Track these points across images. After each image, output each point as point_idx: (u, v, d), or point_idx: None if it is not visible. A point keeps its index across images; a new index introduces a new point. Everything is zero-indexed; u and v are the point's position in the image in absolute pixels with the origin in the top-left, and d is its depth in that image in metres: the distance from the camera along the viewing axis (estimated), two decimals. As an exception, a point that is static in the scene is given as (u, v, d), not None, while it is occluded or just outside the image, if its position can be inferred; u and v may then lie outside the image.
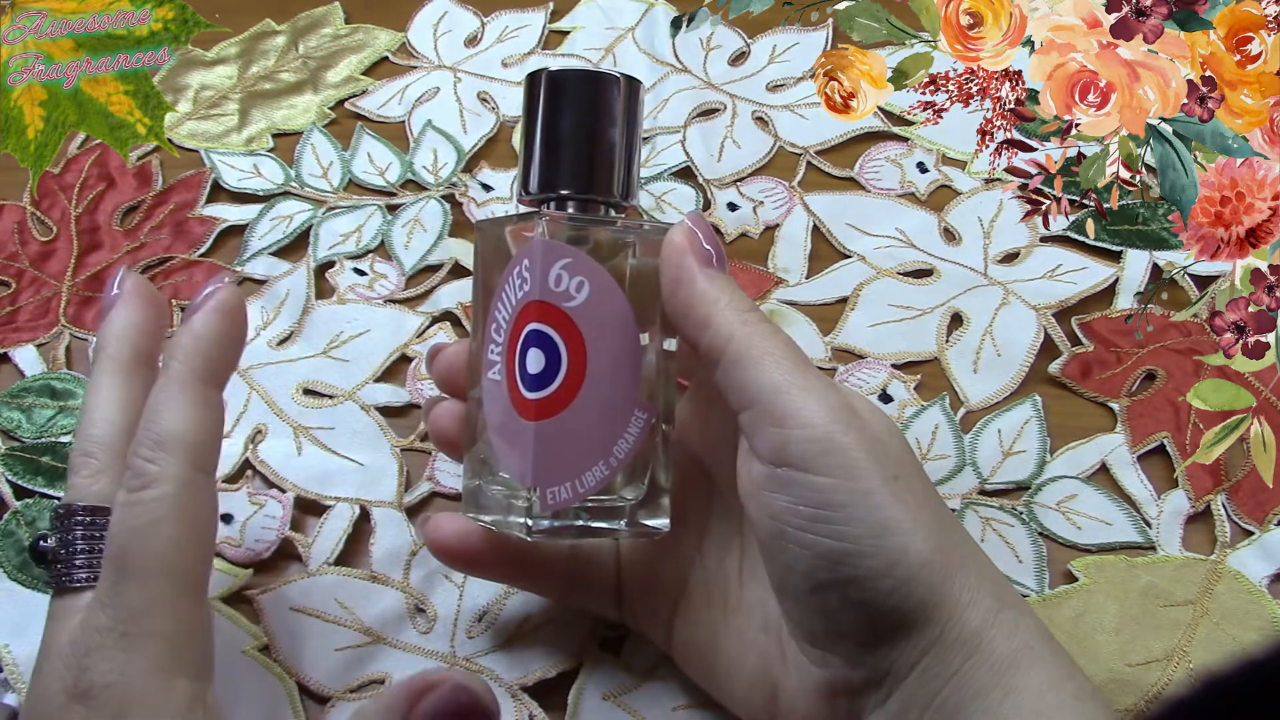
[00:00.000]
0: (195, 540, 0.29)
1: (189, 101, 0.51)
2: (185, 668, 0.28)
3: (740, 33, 0.53)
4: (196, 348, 0.30)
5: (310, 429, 0.41)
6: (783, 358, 0.29)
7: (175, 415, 0.29)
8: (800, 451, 0.28)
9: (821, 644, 0.29)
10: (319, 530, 0.38)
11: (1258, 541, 0.38)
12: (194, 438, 0.29)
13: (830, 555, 0.27)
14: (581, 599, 0.35)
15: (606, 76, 0.32)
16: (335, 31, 0.54)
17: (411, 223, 0.47)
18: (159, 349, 0.33)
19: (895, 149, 0.49)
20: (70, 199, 0.48)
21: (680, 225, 0.31)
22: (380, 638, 0.36)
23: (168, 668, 0.28)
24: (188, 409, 0.29)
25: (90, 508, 0.30)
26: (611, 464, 0.31)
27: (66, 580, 0.30)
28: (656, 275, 0.31)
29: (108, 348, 0.32)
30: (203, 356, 0.30)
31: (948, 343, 0.43)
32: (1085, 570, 0.38)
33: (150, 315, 0.33)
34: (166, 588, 0.28)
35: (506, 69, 0.52)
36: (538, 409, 0.30)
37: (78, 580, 0.29)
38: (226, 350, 0.31)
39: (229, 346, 0.31)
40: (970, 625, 0.27)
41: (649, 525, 0.32)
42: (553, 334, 0.30)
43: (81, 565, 0.30)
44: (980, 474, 0.40)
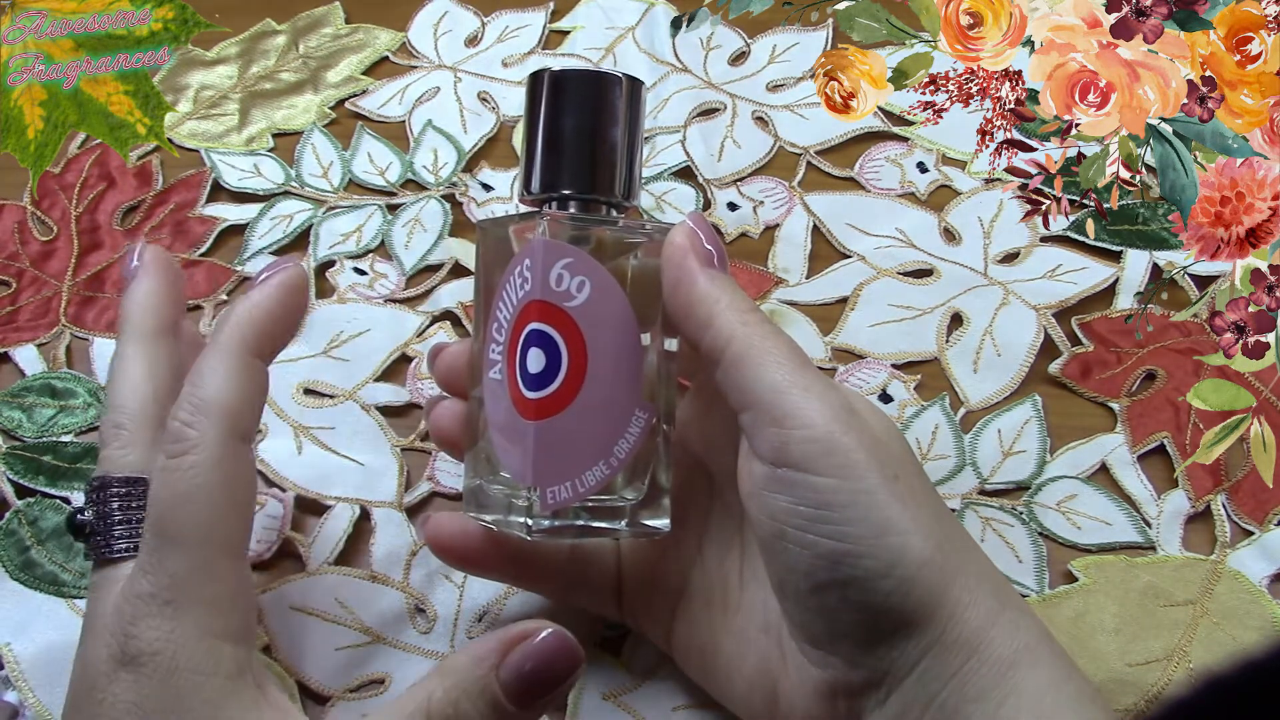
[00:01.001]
0: (235, 505, 0.29)
1: (189, 101, 0.51)
2: (230, 633, 0.28)
3: (740, 33, 0.53)
4: (250, 317, 0.30)
5: (310, 429, 0.41)
6: (784, 358, 0.29)
7: (217, 381, 0.29)
8: (801, 452, 0.28)
9: (821, 644, 0.29)
10: (319, 530, 0.39)
11: (1258, 541, 0.38)
12: (234, 404, 0.29)
13: (830, 555, 0.27)
14: (582, 598, 0.35)
15: (609, 76, 0.32)
16: (335, 31, 0.54)
17: (412, 222, 0.47)
18: (181, 316, 0.34)
19: (895, 149, 0.49)
20: (70, 199, 0.48)
21: (682, 225, 0.31)
22: (380, 638, 0.36)
23: (214, 632, 0.28)
24: (230, 376, 0.29)
25: (125, 479, 0.30)
26: (612, 464, 0.31)
27: (106, 551, 0.30)
28: (658, 276, 0.31)
29: (132, 318, 0.33)
30: (254, 326, 0.30)
31: (948, 343, 0.43)
32: (1085, 570, 0.38)
33: (170, 283, 0.34)
34: (208, 553, 0.28)
35: (507, 69, 0.52)
36: (538, 408, 0.30)
37: (118, 551, 0.30)
38: (279, 324, 0.31)
39: (283, 321, 0.31)
40: (970, 626, 0.27)
41: (649, 525, 0.32)
42: (554, 333, 0.30)
43: (121, 535, 0.30)
44: (980, 474, 0.40)
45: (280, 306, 0.31)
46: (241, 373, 0.30)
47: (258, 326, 0.30)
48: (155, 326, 0.32)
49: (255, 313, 0.31)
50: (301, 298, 0.32)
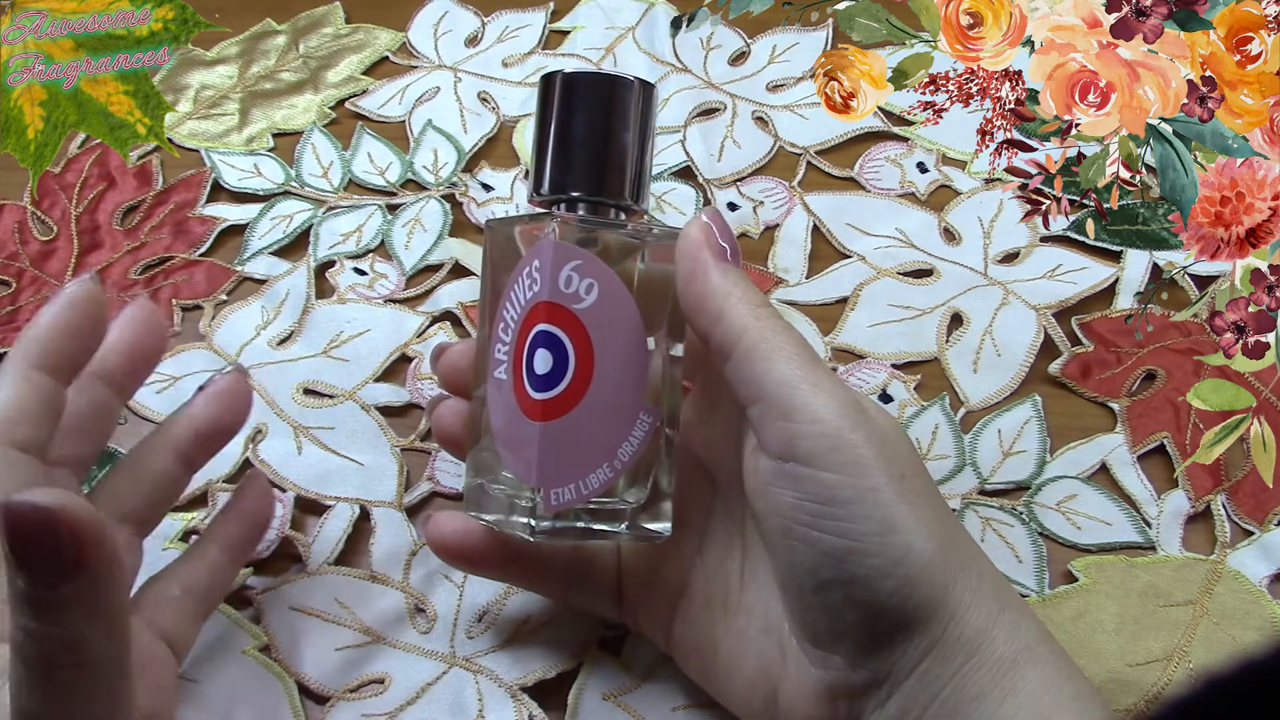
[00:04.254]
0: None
1: (189, 101, 0.51)
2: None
3: (740, 33, 0.53)
4: (34, 334, 0.31)
5: (310, 429, 0.41)
6: (794, 353, 0.29)
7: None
8: (808, 447, 0.28)
9: (823, 644, 0.29)
10: (319, 530, 0.39)
11: (1258, 541, 0.38)
12: (6, 414, 0.30)
13: (835, 552, 0.28)
14: (582, 599, 0.35)
15: (622, 79, 0.32)
16: (335, 31, 0.54)
17: (412, 222, 0.47)
18: (85, 360, 0.33)
19: (895, 149, 0.49)
20: (70, 199, 0.48)
21: (696, 220, 0.31)
22: (380, 637, 0.36)
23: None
24: (5, 387, 0.30)
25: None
26: (615, 466, 0.31)
27: None
28: (664, 280, 0.31)
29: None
30: (38, 342, 0.31)
31: (948, 343, 0.43)
32: (1085, 570, 0.38)
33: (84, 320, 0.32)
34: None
35: (507, 69, 0.52)
36: (544, 409, 0.30)
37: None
38: (68, 339, 0.31)
39: (71, 336, 0.32)
40: (972, 626, 0.28)
41: (650, 529, 0.32)
42: (561, 335, 0.30)
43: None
44: (980, 474, 0.40)
45: (65, 323, 0.31)
46: (21, 383, 0.30)
47: (41, 341, 0.31)
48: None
49: (39, 330, 0.31)
50: (94, 309, 0.32)
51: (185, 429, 0.34)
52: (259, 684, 0.35)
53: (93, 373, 0.33)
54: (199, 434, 0.34)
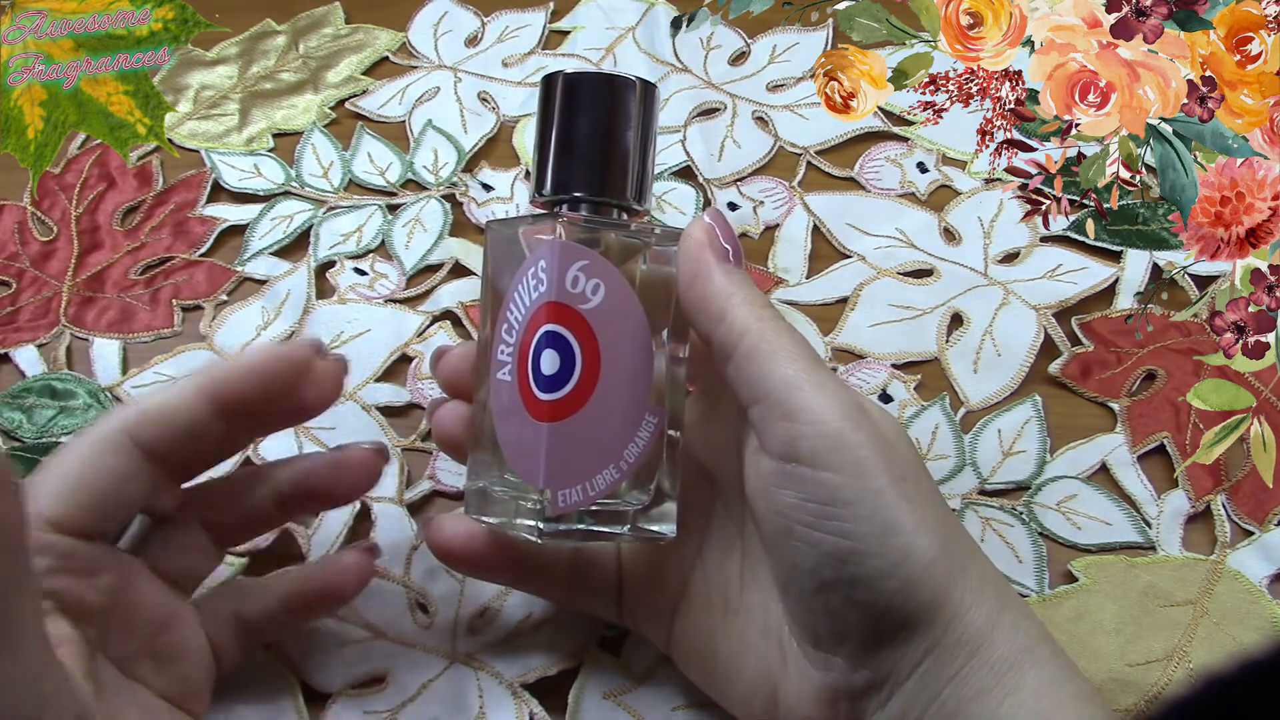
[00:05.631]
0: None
1: (189, 101, 0.51)
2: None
3: (740, 33, 0.53)
4: (228, 367, 0.32)
5: (311, 428, 0.41)
6: (796, 354, 0.29)
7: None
8: (810, 447, 0.28)
9: (824, 645, 0.29)
10: (318, 525, 0.38)
11: (1258, 541, 0.38)
12: (151, 410, 0.30)
13: (836, 553, 0.28)
14: (582, 601, 0.35)
15: (624, 80, 0.32)
16: (335, 31, 0.54)
17: (412, 222, 0.47)
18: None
19: (895, 149, 0.49)
20: (70, 199, 0.48)
21: (699, 220, 0.31)
22: (381, 633, 0.36)
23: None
24: (175, 392, 0.31)
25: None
26: (622, 467, 0.31)
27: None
28: (667, 281, 0.31)
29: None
30: (223, 375, 0.31)
31: (948, 343, 0.43)
32: (1085, 570, 0.38)
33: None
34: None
35: (507, 69, 0.52)
36: (551, 410, 0.30)
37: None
38: (252, 386, 0.32)
39: (259, 385, 0.32)
40: (973, 627, 0.28)
41: (653, 531, 0.32)
42: (568, 335, 0.30)
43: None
44: (980, 474, 0.40)
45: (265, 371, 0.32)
46: (188, 396, 0.31)
47: (225, 377, 0.31)
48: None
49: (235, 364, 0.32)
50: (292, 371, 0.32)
51: (295, 479, 0.33)
52: (261, 682, 0.35)
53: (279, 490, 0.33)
54: (304, 489, 0.33)
